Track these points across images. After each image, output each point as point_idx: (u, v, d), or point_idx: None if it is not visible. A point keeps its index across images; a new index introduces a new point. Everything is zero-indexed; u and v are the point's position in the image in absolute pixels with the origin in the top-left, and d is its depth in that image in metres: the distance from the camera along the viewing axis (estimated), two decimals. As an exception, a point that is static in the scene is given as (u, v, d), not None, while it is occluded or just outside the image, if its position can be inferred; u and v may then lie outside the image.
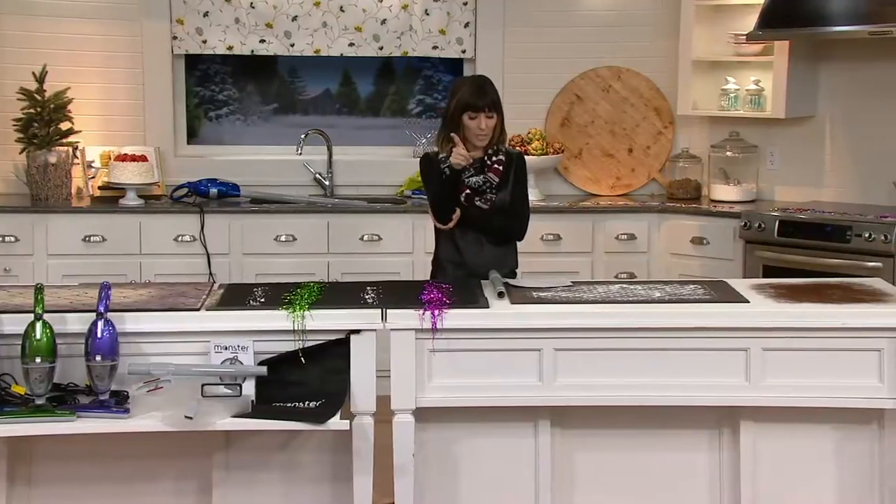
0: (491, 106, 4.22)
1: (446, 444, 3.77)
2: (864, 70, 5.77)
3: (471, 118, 4.22)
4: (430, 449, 3.74)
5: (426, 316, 3.59)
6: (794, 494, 3.78)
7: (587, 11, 6.31)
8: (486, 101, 4.21)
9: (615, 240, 5.79)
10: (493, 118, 4.23)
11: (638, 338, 3.65)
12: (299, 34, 6.25)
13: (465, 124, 4.23)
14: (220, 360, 3.46)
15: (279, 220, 5.88)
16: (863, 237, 5.23)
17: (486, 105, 4.21)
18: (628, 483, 3.82)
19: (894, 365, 3.61)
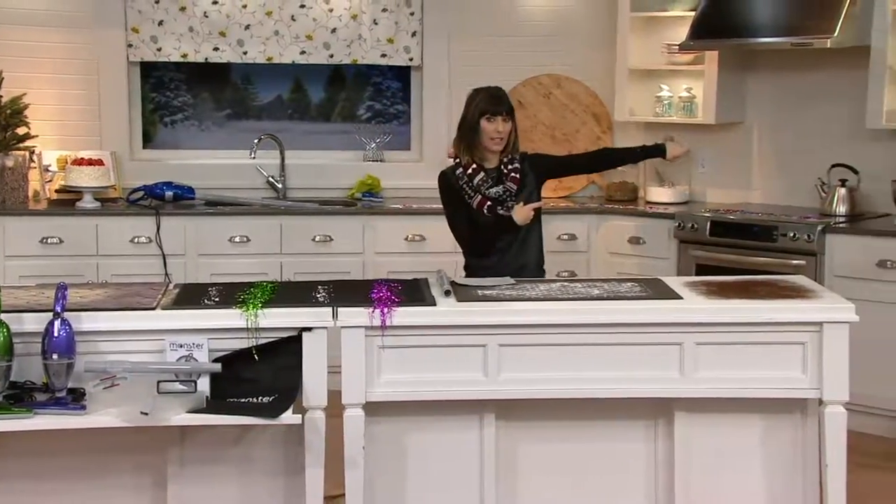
0: (507, 111, 4.30)
1: (395, 437, 3.76)
2: (788, 79, 5.84)
3: (488, 121, 4.28)
4: (379, 442, 3.73)
5: (375, 314, 3.58)
6: (725, 480, 3.80)
7: (529, 22, 6.34)
8: (504, 107, 4.31)
9: (557, 240, 5.81)
10: (508, 123, 4.31)
11: (578, 333, 3.66)
12: (252, 42, 6.22)
13: (482, 129, 4.29)
14: (176, 357, 3.43)
15: (233, 221, 5.85)
16: (788, 237, 5.29)
17: (504, 110, 4.30)
18: (569, 473, 3.83)
19: (816, 357, 3.64)
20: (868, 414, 4.94)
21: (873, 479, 4.41)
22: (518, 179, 4.36)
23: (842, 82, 5.55)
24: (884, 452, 4.87)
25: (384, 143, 6.46)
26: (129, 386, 3.39)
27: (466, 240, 4.42)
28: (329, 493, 3.69)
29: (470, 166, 4.35)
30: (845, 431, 3.64)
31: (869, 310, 4.09)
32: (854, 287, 4.84)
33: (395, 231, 5.88)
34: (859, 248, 5.12)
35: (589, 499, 3.84)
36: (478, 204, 4.34)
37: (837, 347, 3.62)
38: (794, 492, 3.81)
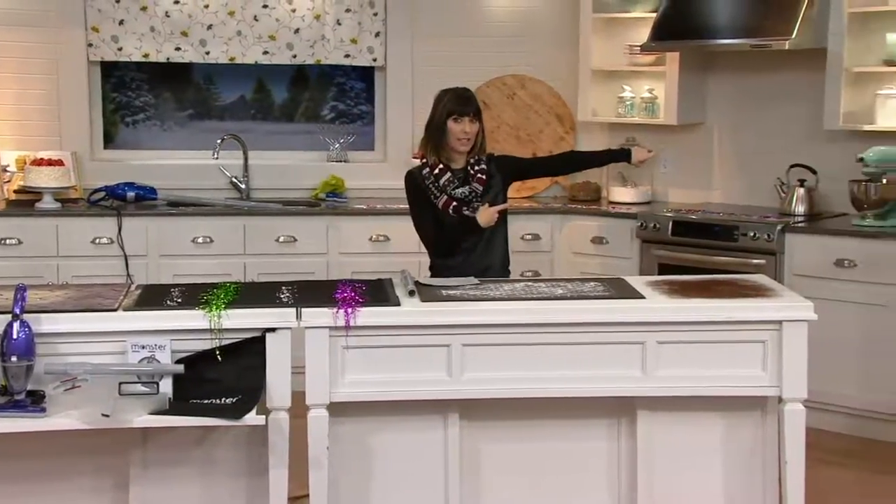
0: (475, 112, 4.31)
1: (359, 437, 3.75)
2: (748, 80, 5.88)
3: (455, 122, 4.28)
4: (343, 442, 3.72)
5: (340, 314, 3.57)
6: (686, 478, 3.82)
7: (493, 23, 6.34)
8: (471, 108, 4.31)
9: (520, 240, 5.82)
10: (475, 124, 4.31)
11: (541, 333, 3.66)
12: (214, 42, 6.18)
13: (449, 129, 4.30)
14: (138, 358, 3.40)
15: (196, 222, 5.81)
16: (748, 236, 5.32)
17: (471, 111, 4.30)
18: (533, 471, 3.84)
19: (776, 355, 3.66)
20: (826, 411, 4.98)
21: (831, 475, 4.45)
22: (484, 180, 4.37)
23: (800, 84, 5.60)
24: (841, 449, 4.91)
25: (348, 144, 6.44)
26: (89, 388, 3.36)
27: (431, 240, 4.42)
28: (293, 494, 3.66)
29: (436, 167, 4.35)
30: (804, 428, 3.68)
31: (827, 308, 4.12)
32: (812, 286, 4.88)
33: (359, 231, 5.87)
34: (818, 248, 5.16)
35: (552, 497, 3.85)
36: (443, 204, 4.34)
37: (796, 345, 3.65)
38: (754, 488, 3.83)
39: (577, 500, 3.86)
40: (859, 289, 5.01)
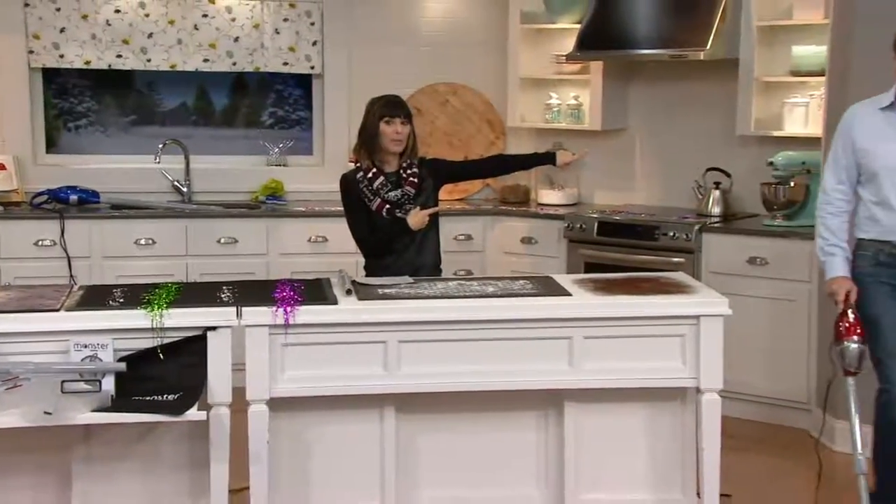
0: (405, 114, 4.32)
1: (299, 431, 3.73)
2: (667, 88, 5.91)
3: (387, 123, 4.28)
4: (283, 436, 3.69)
5: (279, 313, 3.54)
6: (611, 465, 3.85)
7: (426, 33, 6.32)
8: (402, 111, 4.32)
9: (453, 240, 5.81)
10: (407, 127, 4.31)
11: (474, 329, 3.67)
12: (155, 50, 6.09)
13: (382, 131, 4.29)
14: (80, 357, 3.35)
15: (139, 224, 5.71)
16: (668, 236, 5.36)
17: (402, 113, 4.31)
18: (466, 462, 3.84)
19: (694, 349, 3.70)
20: (740, 400, 5.04)
21: (744, 460, 4.50)
22: (416, 183, 4.36)
23: (715, 91, 5.65)
24: (754, 436, 4.97)
25: (287, 148, 6.38)
26: (32, 387, 3.29)
27: (365, 241, 4.40)
28: (234, 487, 3.62)
29: (370, 171, 4.33)
30: (720, 417, 3.72)
31: (740, 304, 4.17)
32: (727, 282, 4.93)
33: (298, 233, 5.81)
34: (732, 247, 5.21)
35: (485, 487, 3.85)
36: (377, 207, 4.32)
37: (713, 339, 3.69)
38: (673, 472, 3.87)
39: (508, 489, 3.87)
40: (770, 285, 5.08)
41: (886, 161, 3.75)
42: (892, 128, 3.76)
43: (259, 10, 6.18)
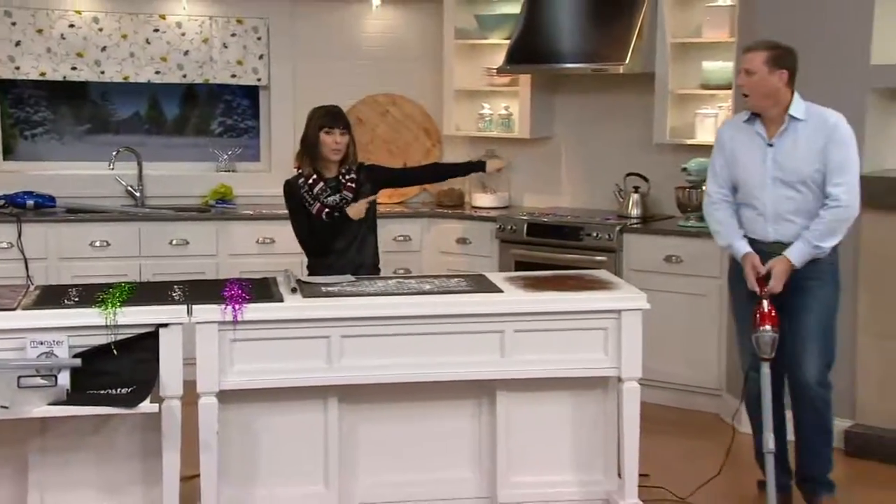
0: (344, 125, 4.28)
1: (247, 421, 3.69)
2: (590, 100, 5.94)
3: (327, 133, 4.24)
4: (232, 426, 3.65)
5: (228, 310, 3.51)
6: (540, 449, 3.86)
7: (367, 47, 6.29)
8: (341, 122, 4.28)
9: (393, 241, 5.79)
10: (346, 136, 4.28)
11: (412, 324, 3.66)
12: (109, 63, 5.98)
13: (322, 141, 4.26)
14: (36, 354, 3.28)
15: (94, 227, 5.60)
16: (592, 236, 5.38)
17: (341, 124, 4.27)
18: (405, 449, 3.83)
19: (616, 341, 3.73)
20: (657, 387, 5.08)
21: (661, 443, 4.54)
22: (354, 189, 4.34)
23: (633, 103, 5.69)
24: (670, 420, 5.02)
25: (236, 155, 6.31)
26: (-11, 382, 3.21)
27: (307, 242, 4.37)
28: (185, 475, 3.59)
29: (311, 177, 4.31)
30: (639, 403, 3.75)
31: (658, 299, 4.20)
32: (646, 279, 4.96)
33: (246, 235, 5.75)
34: (650, 246, 5.26)
35: (423, 472, 3.85)
36: (317, 210, 4.29)
37: (633, 332, 3.73)
38: (596, 455, 3.90)
39: (445, 474, 3.87)
40: (684, 281, 5.13)
41: (746, 168, 3.83)
42: (751, 139, 3.83)
43: (208, 25, 6.10)
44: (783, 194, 3.76)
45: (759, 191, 3.80)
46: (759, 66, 3.73)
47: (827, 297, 3.80)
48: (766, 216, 3.80)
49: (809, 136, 3.74)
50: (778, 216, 3.78)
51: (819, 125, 3.74)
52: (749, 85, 3.75)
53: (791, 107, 3.76)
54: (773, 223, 3.79)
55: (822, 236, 3.72)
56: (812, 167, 3.72)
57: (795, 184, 3.75)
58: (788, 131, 3.77)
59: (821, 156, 3.72)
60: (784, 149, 3.77)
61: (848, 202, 3.72)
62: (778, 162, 3.76)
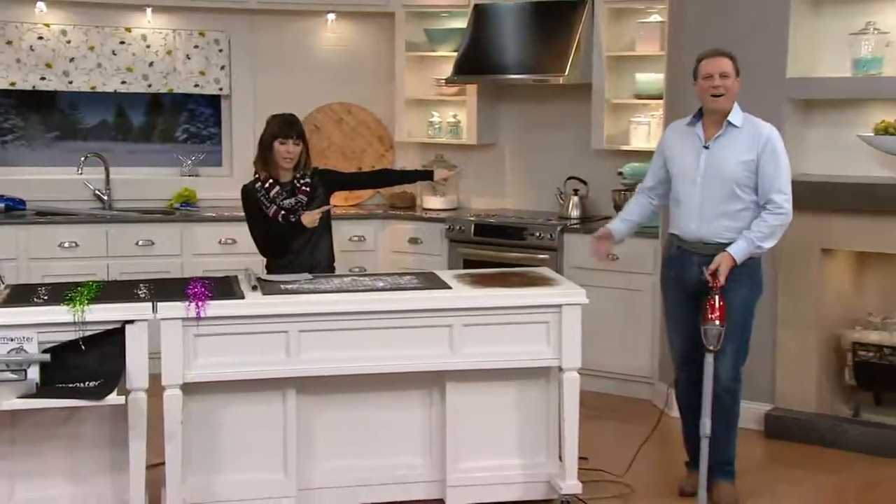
0: (297, 136, 4.24)
1: (209, 412, 3.66)
2: (532, 108, 5.97)
3: (281, 144, 4.20)
4: (195, 416, 3.62)
5: (191, 307, 3.48)
6: (487, 435, 3.87)
7: (323, 58, 6.27)
8: (295, 131, 4.24)
9: (348, 241, 5.78)
10: (299, 146, 4.24)
11: (366, 319, 3.65)
12: (76, 73, 5.90)
13: (275, 150, 4.21)
14: (6, 349, 3.23)
15: (63, 229, 5.52)
16: (534, 236, 5.42)
17: (294, 133, 4.23)
18: (360, 437, 3.82)
19: (557, 333, 3.75)
20: (596, 376, 5.12)
21: (599, 427, 4.58)
22: (308, 192, 4.32)
23: (573, 111, 5.72)
24: (607, 405, 5.06)
25: (199, 161, 6.25)
26: (-39, 378, 3.15)
27: (264, 243, 4.34)
28: (151, 463, 3.55)
29: (267, 181, 4.28)
30: (578, 391, 3.77)
31: (596, 294, 4.23)
32: (585, 276, 4.98)
33: (209, 236, 5.70)
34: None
35: (376, 458, 3.84)
36: (273, 213, 4.26)
37: (573, 325, 3.75)
38: (539, 440, 3.92)
39: (397, 460, 3.87)
40: (620, 277, 5.17)
41: (680, 166, 3.87)
42: (691, 140, 3.86)
43: (172, 38, 6.04)
44: (710, 194, 3.80)
45: (689, 188, 3.83)
46: (731, 71, 3.77)
47: (741, 299, 3.79)
48: (691, 213, 3.83)
49: (742, 143, 3.77)
50: (702, 214, 3.81)
51: (753, 135, 3.77)
52: (726, 86, 3.75)
53: (731, 114, 3.80)
54: (696, 220, 3.82)
55: (764, 238, 3.74)
56: (741, 171, 3.75)
57: (722, 186, 3.78)
58: (724, 136, 3.80)
59: (750, 164, 3.74)
60: (717, 152, 3.79)
61: (788, 210, 3.75)
62: (710, 164, 3.79)
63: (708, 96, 3.78)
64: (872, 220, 4.47)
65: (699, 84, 3.81)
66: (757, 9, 4.62)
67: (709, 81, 3.76)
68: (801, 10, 4.63)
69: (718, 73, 3.76)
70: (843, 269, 4.76)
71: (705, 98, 3.80)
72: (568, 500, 3.77)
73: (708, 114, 3.83)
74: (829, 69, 4.67)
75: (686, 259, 3.85)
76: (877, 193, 4.45)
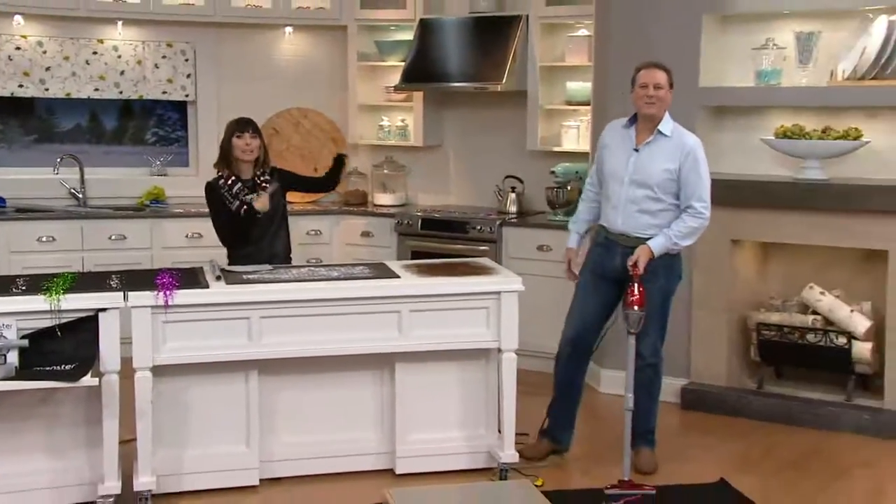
0: (253, 129, 4.23)
1: (177, 392, 3.64)
2: (473, 113, 5.98)
3: (238, 137, 4.18)
4: (164, 396, 3.60)
5: (160, 296, 3.45)
6: (432, 410, 3.89)
7: (281, 68, 6.22)
8: (249, 127, 4.23)
9: (306, 234, 5.75)
10: (256, 139, 4.22)
11: (321, 306, 3.66)
12: (52, 81, 5.79)
13: (234, 145, 4.20)
14: (-13, 337, 3.17)
15: (41, 224, 5.42)
16: (476, 229, 5.43)
17: (250, 129, 4.22)
18: (317, 414, 3.83)
19: (496, 318, 3.78)
20: (531, 356, 5.14)
21: (533, 402, 4.58)
22: (267, 189, 4.28)
23: (510, 115, 5.75)
24: (541, 383, 5.05)
25: (167, 162, 6.17)
26: (-55, 363, 3.09)
27: (226, 235, 4.31)
28: (123, 439, 3.52)
29: (230, 178, 4.26)
30: (515, 370, 3.81)
31: (531, 281, 4.27)
32: (522, 265, 5.01)
33: (176, 230, 5.64)
34: (525, 237, 5.33)
35: (332, 432, 3.85)
36: (236, 208, 4.23)
37: (510, 310, 3.78)
38: (480, 415, 3.95)
39: (351, 434, 3.87)
40: (553, 266, 5.16)
41: (612, 165, 3.91)
42: (624, 141, 3.91)
43: (141, 48, 5.96)
44: (635, 193, 3.84)
45: (617, 187, 3.87)
46: (665, 83, 3.81)
47: (658, 289, 3.83)
48: (617, 209, 3.88)
49: (669, 151, 3.81)
50: (627, 211, 3.86)
51: (678, 145, 3.81)
52: (658, 96, 3.78)
53: (662, 123, 3.83)
54: (622, 216, 3.87)
55: (682, 237, 3.79)
56: (664, 177, 3.79)
57: (646, 187, 3.82)
58: (654, 143, 3.84)
59: (673, 172, 3.78)
60: (645, 157, 3.83)
61: (707, 216, 3.80)
62: (637, 166, 3.83)
63: (642, 104, 3.82)
64: (774, 215, 4.58)
65: (635, 91, 3.84)
66: (673, 26, 4.69)
67: (644, 90, 3.80)
68: (710, 28, 4.72)
69: (653, 84, 3.79)
70: (749, 258, 4.87)
71: (639, 105, 3.83)
72: (506, 468, 3.81)
73: (641, 119, 3.86)
74: (735, 79, 4.76)
75: (611, 248, 3.91)
76: (777, 191, 4.55)
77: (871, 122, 4.53)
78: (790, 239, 4.62)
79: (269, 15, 6.01)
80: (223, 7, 5.90)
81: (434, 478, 3.79)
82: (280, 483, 3.75)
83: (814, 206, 4.46)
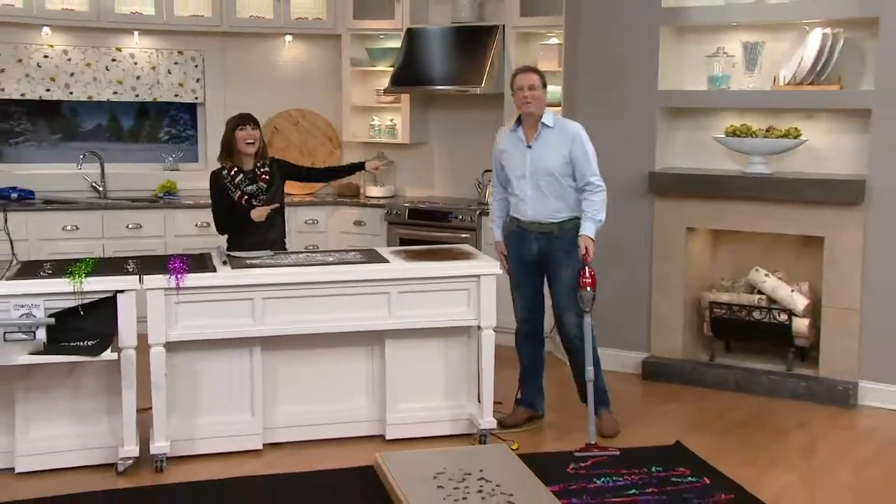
0: (253, 123, 4.20)
1: (189, 365, 3.66)
2: (455, 114, 5.97)
3: (240, 130, 4.15)
4: (177, 369, 3.62)
5: (172, 279, 3.46)
6: (418, 383, 3.91)
7: (282, 72, 6.21)
8: (250, 120, 4.20)
9: (304, 223, 5.75)
10: (256, 131, 4.19)
11: (318, 288, 3.67)
12: (76, 85, 5.77)
13: (237, 137, 4.16)
14: (18, 315, 3.21)
15: (65, 215, 5.41)
16: (458, 219, 5.44)
17: (250, 122, 4.18)
18: (315, 387, 3.84)
19: (476, 298, 3.80)
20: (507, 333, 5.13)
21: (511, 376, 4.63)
22: (267, 179, 4.27)
23: (488, 116, 5.72)
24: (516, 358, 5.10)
25: (179, 158, 6.16)
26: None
27: (225, 223, 4.25)
28: (140, 407, 3.53)
29: (233, 170, 4.23)
30: (493, 345, 3.85)
31: (507, 265, 4.28)
32: (499, 251, 5.05)
33: (187, 220, 5.63)
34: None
35: (328, 402, 3.86)
36: (238, 198, 4.22)
37: (489, 291, 3.81)
38: (461, 386, 3.97)
39: (345, 403, 3.89)
40: (528, 252, 5.23)
41: (511, 165, 3.92)
42: (517, 142, 3.91)
43: (155, 56, 5.94)
44: (538, 183, 3.84)
45: (521, 182, 3.87)
46: (538, 84, 3.82)
47: (574, 265, 3.82)
48: (525, 201, 3.88)
49: (556, 139, 3.83)
50: (534, 200, 3.86)
51: (563, 132, 3.83)
52: (534, 96, 3.80)
53: (543, 118, 3.84)
54: (530, 206, 3.87)
55: (598, 212, 3.80)
56: (559, 162, 3.81)
57: (547, 176, 3.83)
58: (541, 136, 3.85)
59: (566, 156, 3.80)
60: (539, 150, 3.84)
61: (602, 185, 3.82)
62: (534, 160, 3.84)
63: (521, 104, 3.83)
64: (723, 204, 4.62)
65: (515, 94, 3.86)
66: (634, 35, 4.71)
67: (521, 93, 3.81)
68: (668, 37, 4.74)
69: (527, 86, 3.81)
70: (702, 244, 4.91)
71: (519, 105, 3.85)
72: (485, 434, 3.84)
73: (525, 119, 3.88)
74: (690, 83, 4.79)
75: (525, 236, 3.92)
76: (726, 184, 4.59)
77: (809, 123, 4.57)
78: (738, 226, 4.67)
79: (271, 25, 5.99)
80: (229, 18, 5.87)
81: (420, 443, 3.81)
82: (281, 447, 3.77)
83: (759, 197, 4.50)
